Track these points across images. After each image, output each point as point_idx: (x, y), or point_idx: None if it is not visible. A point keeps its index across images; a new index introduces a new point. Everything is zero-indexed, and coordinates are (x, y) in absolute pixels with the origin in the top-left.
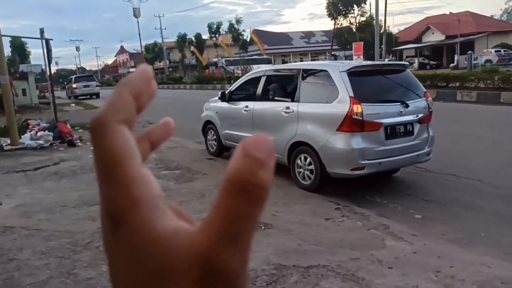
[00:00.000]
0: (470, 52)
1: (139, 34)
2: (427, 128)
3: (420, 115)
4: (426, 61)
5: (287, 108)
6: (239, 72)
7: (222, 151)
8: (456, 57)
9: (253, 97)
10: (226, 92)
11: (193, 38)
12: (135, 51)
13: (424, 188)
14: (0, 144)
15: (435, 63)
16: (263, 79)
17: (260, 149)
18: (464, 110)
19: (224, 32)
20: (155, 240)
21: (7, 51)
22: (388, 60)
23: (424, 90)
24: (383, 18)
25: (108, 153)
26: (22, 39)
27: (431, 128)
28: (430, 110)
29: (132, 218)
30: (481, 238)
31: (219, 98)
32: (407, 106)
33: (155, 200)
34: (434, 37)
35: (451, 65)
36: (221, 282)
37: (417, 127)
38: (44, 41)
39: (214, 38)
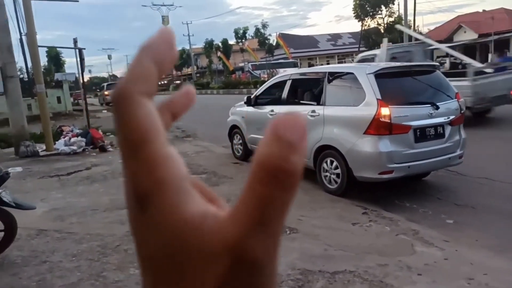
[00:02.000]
0: (505, 50)
1: None
2: (459, 130)
3: (451, 117)
4: (458, 61)
5: (313, 111)
6: (265, 76)
7: (248, 155)
8: (490, 56)
9: (278, 101)
10: (252, 96)
11: (220, 44)
12: None
13: (456, 192)
14: (36, 150)
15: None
16: (288, 83)
17: (291, 131)
18: (498, 111)
19: (250, 37)
20: (184, 224)
21: (44, 60)
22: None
23: (456, 91)
24: (412, 18)
25: (132, 128)
26: (57, 48)
27: (463, 130)
28: (462, 111)
29: (159, 200)
30: None
31: (245, 103)
32: (437, 108)
33: (182, 181)
34: (467, 36)
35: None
36: (251, 269)
37: (448, 129)
38: (77, 50)
39: (240, 43)
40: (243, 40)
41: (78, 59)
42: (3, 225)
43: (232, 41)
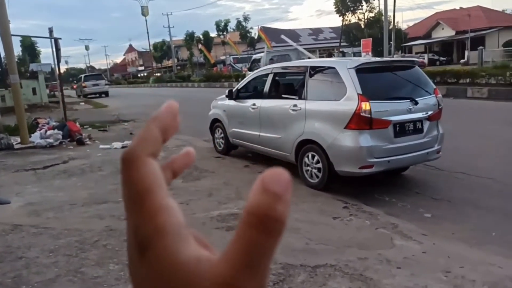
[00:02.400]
0: (481, 47)
1: (147, 33)
2: (437, 126)
3: (429, 112)
4: (436, 57)
5: (295, 105)
6: (247, 69)
7: (230, 149)
8: (466, 52)
9: (260, 95)
10: (234, 90)
11: (201, 36)
12: (143, 50)
13: (433, 187)
14: (10, 143)
15: (445, 59)
16: (270, 77)
17: (278, 184)
18: (475, 107)
19: (231, 30)
20: (179, 268)
21: (18, 50)
22: (397, 57)
23: (434, 86)
24: (392, 14)
25: (137, 182)
26: (32, 38)
27: (441, 126)
28: (440, 107)
29: (158, 245)
30: (492, 237)
31: (226, 96)
32: (416, 103)
33: (180, 228)
34: (444, 32)
35: (462, 61)
36: None
37: (426, 125)
38: (53, 40)
39: (222, 36)
40: (225, 33)
41: (54, 49)
42: None
43: (213, 34)
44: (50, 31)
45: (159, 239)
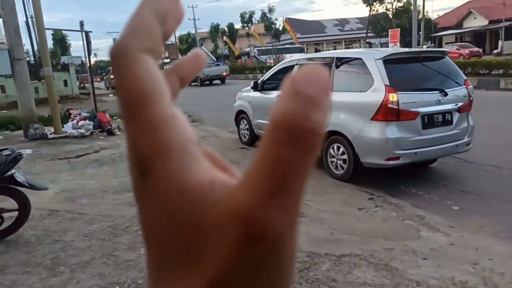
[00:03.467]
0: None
1: None
2: (467, 117)
3: (459, 104)
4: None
5: None
6: (271, 61)
7: (255, 140)
8: (500, 43)
9: None
10: (259, 81)
11: (225, 28)
12: (169, 42)
13: (462, 180)
14: (45, 133)
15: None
16: (295, 68)
17: (313, 85)
18: (507, 99)
19: (256, 22)
20: (188, 194)
21: (49, 43)
22: (427, 47)
23: (465, 77)
24: (421, 3)
25: (131, 88)
26: (63, 31)
27: (471, 118)
28: (471, 98)
29: (162, 167)
30: None
31: (252, 88)
32: (446, 94)
33: (187, 145)
34: (477, 22)
35: (495, 51)
36: (266, 245)
37: (456, 116)
38: (84, 33)
39: (246, 28)
40: (249, 25)
41: (85, 42)
42: (17, 205)
43: (238, 26)
44: (81, 24)
45: (162, 160)
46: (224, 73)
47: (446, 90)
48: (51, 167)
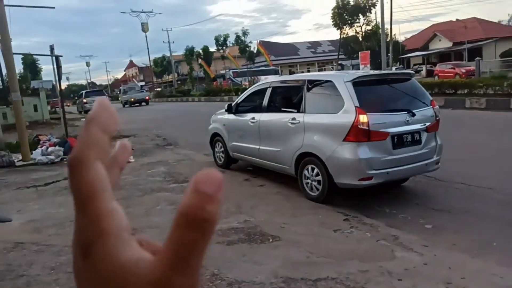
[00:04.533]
0: (478, 58)
1: (148, 48)
2: (435, 137)
3: (427, 124)
4: (434, 68)
5: (293, 119)
6: (247, 83)
7: (230, 163)
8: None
9: (259, 109)
10: (233, 104)
11: (200, 51)
12: (144, 65)
13: (433, 197)
14: (12, 160)
15: None
16: (269, 91)
17: (209, 185)
18: (473, 117)
19: (231, 44)
20: (118, 269)
21: (19, 68)
22: (396, 68)
23: (431, 98)
24: (389, 27)
25: (82, 188)
26: (34, 56)
27: (439, 137)
28: (438, 118)
29: (100, 248)
30: (493, 247)
31: (226, 110)
32: (413, 115)
33: (122, 232)
34: (441, 44)
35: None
36: None
37: (424, 136)
38: (54, 57)
39: (221, 51)
40: (224, 48)
41: (55, 67)
42: None
43: (213, 48)
44: (52, 48)
45: (101, 243)
46: (147, 97)
47: (413, 111)
48: (18, 196)
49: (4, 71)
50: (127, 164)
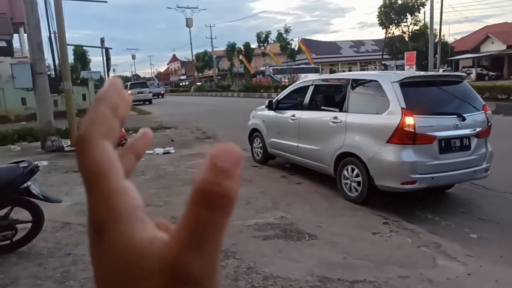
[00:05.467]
0: None
1: (191, 43)
2: (486, 143)
3: (478, 129)
4: (485, 71)
5: (335, 118)
6: (286, 81)
7: (268, 159)
8: None
9: (300, 106)
10: (274, 100)
11: (241, 47)
12: (186, 60)
13: (480, 207)
14: (61, 145)
15: (494, 74)
16: (311, 89)
17: (226, 159)
18: None
19: (272, 41)
20: (131, 250)
21: (70, 58)
22: (443, 71)
23: (483, 102)
24: (438, 27)
25: (90, 167)
26: (84, 47)
27: (490, 143)
28: (489, 124)
29: (112, 229)
30: None
31: (266, 107)
32: (463, 119)
33: (135, 211)
34: (494, 46)
35: None
36: (189, 286)
37: (474, 142)
38: (104, 49)
39: (262, 47)
40: (265, 44)
41: (105, 58)
42: (31, 217)
43: (254, 45)
44: (102, 41)
45: (114, 223)
46: (163, 92)
47: (464, 115)
48: (66, 179)
49: (57, 61)
50: (144, 155)
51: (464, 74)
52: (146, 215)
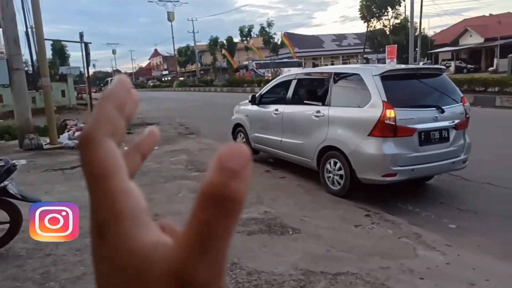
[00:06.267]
0: (510, 55)
1: (173, 38)
2: (464, 135)
3: (456, 121)
4: (463, 64)
5: (318, 112)
6: (269, 75)
7: (251, 154)
8: (495, 60)
9: (283, 101)
10: (257, 95)
11: (224, 42)
12: (168, 54)
13: (459, 197)
14: (40, 143)
15: (472, 66)
16: (293, 83)
17: (234, 160)
18: (503, 116)
19: (255, 35)
20: (134, 253)
21: (48, 54)
22: (423, 64)
23: (461, 95)
24: (418, 20)
25: (93, 167)
26: (62, 42)
27: (468, 135)
28: (467, 115)
29: (115, 230)
30: None
31: (249, 101)
32: (442, 111)
33: (138, 213)
34: (472, 39)
35: (490, 69)
36: None
37: (453, 133)
38: (83, 44)
39: (245, 41)
40: (248, 38)
41: (84, 53)
42: (8, 217)
43: (237, 39)
44: (81, 35)
45: (117, 224)
46: None
47: (443, 107)
48: (45, 178)
49: (35, 57)
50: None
51: (443, 67)
52: (150, 218)
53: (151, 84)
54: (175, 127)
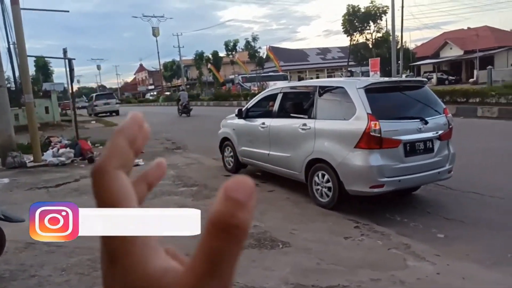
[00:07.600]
0: (490, 67)
1: (158, 53)
2: (448, 145)
3: (440, 132)
4: (445, 76)
5: (304, 125)
6: (256, 89)
7: (239, 168)
8: (475, 72)
9: (269, 114)
10: (243, 109)
11: (210, 56)
12: (153, 69)
13: (446, 207)
14: (23, 161)
15: (453, 78)
16: (279, 96)
17: (240, 191)
18: (485, 126)
19: (240, 50)
20: (145, 279)
21: (32, 70)
22: (406, 76)
23: (444, 106)
24: (399, 34)
25: (106, 197)
26: (46, 58)
27: (452, 145)
28: (450, 126)
29: (126, 257)
30: (508, 258)
31: (236, 115)
32: (426, 122)
33: (147, 239)
34: (452, 52)
35: (471, 80)
36: None
37: (437, 144)
38: (67, 60)
39: (230, 56)
40: (234, 53)
41: (68, 69)
42: None
43: (222, 54)
44: (65, 51)
45: (127, 251)
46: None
47: (426, 119)
48: (29, 196)
49: (17, 73)
50: (155, 183)
51: (426, 79)
52: (157, 243)
53: (137, 100)
54: (162, 142)
